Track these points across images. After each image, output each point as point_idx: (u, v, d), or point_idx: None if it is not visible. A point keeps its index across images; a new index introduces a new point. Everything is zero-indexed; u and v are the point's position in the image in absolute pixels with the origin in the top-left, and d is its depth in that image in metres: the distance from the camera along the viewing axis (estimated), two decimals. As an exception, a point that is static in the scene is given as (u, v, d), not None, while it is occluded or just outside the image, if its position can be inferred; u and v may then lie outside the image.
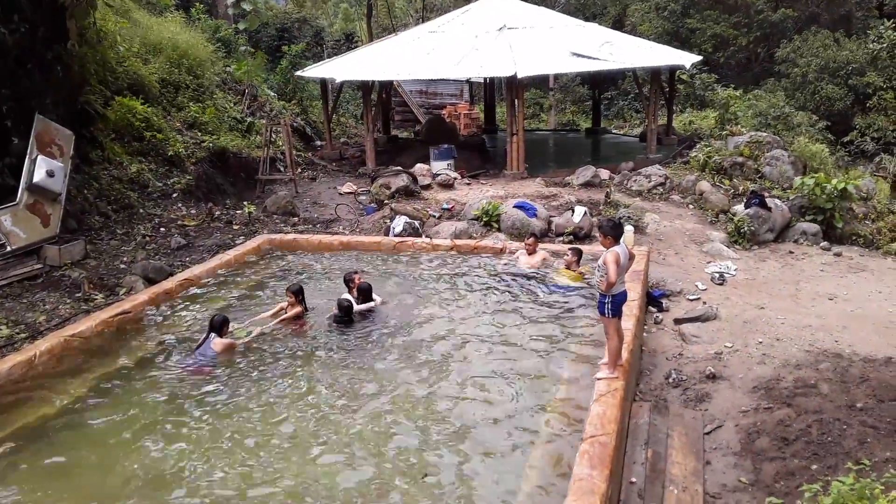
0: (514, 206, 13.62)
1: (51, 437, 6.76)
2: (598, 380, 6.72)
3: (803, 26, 28.17)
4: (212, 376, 7.85)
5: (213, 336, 8.22)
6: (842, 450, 6.38)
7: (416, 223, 13.76)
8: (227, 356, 8.19)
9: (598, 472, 5.17)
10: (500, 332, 8.84)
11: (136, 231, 13.49)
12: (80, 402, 7.38)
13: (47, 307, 10.29)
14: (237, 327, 8.86)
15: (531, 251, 11.01)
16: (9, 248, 11.08)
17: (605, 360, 6.89)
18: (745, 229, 13.10)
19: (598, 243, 8.74)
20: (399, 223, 13.59)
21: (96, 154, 14.45)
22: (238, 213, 15.16)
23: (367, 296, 9.50)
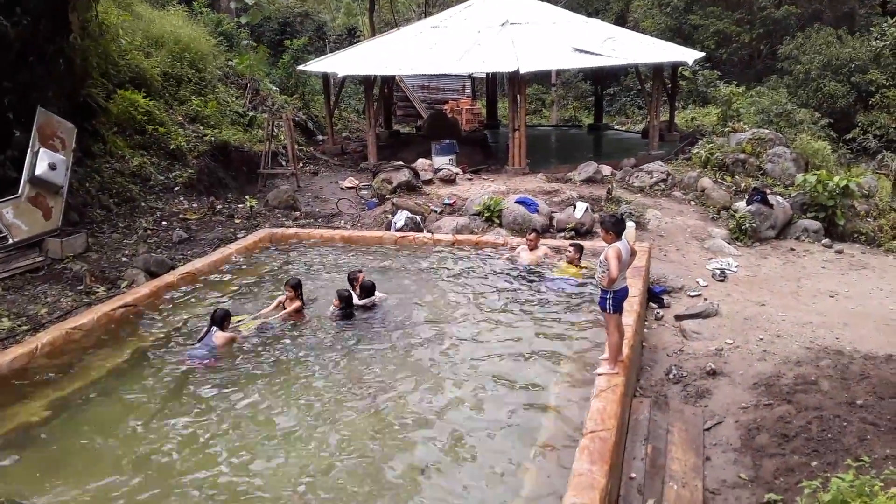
0: (515, 202, 13.62)
1: (52, 430, 6.76)
2: (599, 375, 6.72)
3: (806, 23, 28.11)
4: (213, 369, 7.86)
5: (214, 329, 8.22)
6: (842, 447, 6.39)
7: (418, 218, 13.76)
8: (229, 349, 8.20)
9: (597, 468, 5.18)
10: (501, 327, 8.84)
11: (137, 224, 13.50)
12: (81, 395, 7.39)
13: (49, 300, 10.31)
14: (241, 319, 8.87)
15: (532, 247, 11.02)
16: (11, 241, 11.10)
17: (606, 355, 6.89)
18: (747, 226, 13.10)
19: (599, 239, 8.74)
20: (400, 218, 13.59)
21: (98, 147, 14.45)
22: (240, 207, 15.16)
23: (370, 294, 9.49)
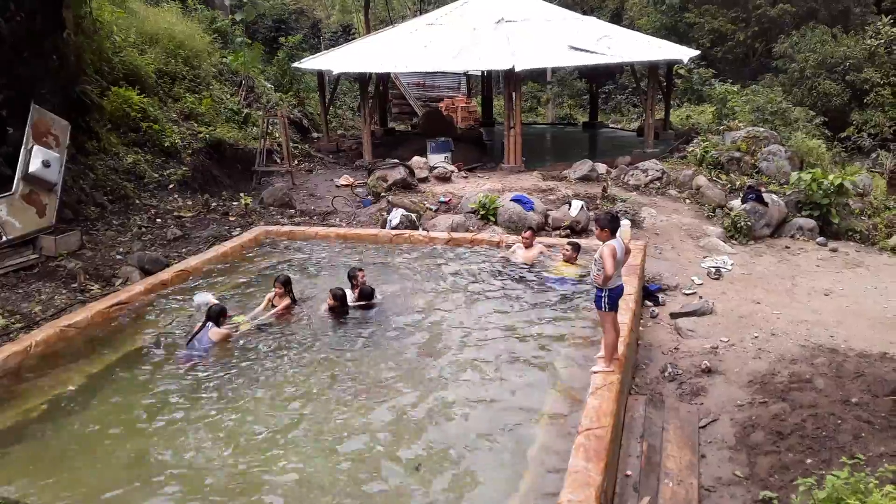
0: (511, 200, 13.61)
1: (47, 428, 6.74)
2: (595, 373, 6.72)
3: (801, 22, 28.13)
4: (207, 366, 7.84)
5: (210, 325, 8.20)
6: (836, 444, 6.41)
7: (413, 216, 13.75)
8: (223, 347, 8.17)
9: (593, 465, 5.18)
10: (497, 325, 8.84)
11: (132, 222, 13.45)
12: (75, 393, 7.36)
13: (43, 297, 10.27)
14: (237, 317, 8.85)
15: (528, 245, 11.01)
16: (4, 238, 11.04)
17: (602, 353, 6.89)
18: (742, 224, 13.13)
19: (594, 237, 8.73)
20: (396, 216, 13.58)
21: (92, 144, 14.39)
22: (234, 204, 15.13)
23: (369, 299, 9.40)
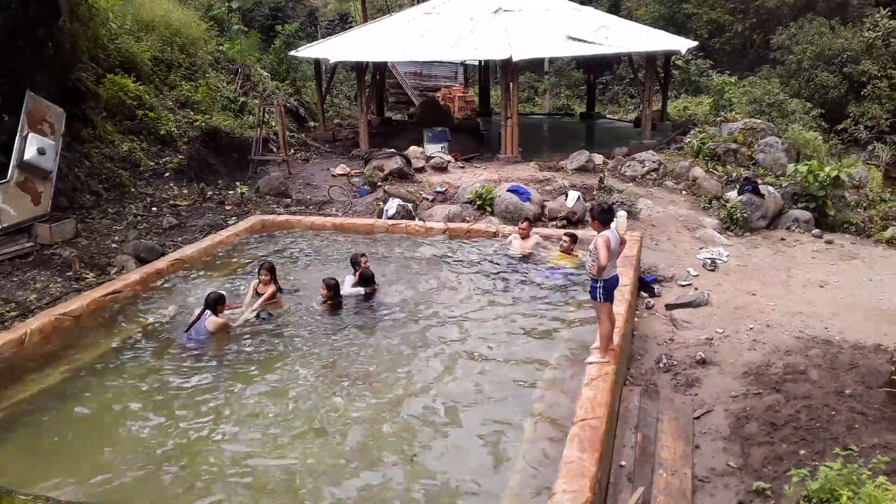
0: (507, 190, 13.60)
1: (42, 417, 6.74)
2: (589, 364, 6.73)
3: (799, 13, 28.07)
4: (204, 355, 7.85)
5: (207, 314, 8.17)
6: (830, 435, 6.43)
7: (410, 206, 13.74)
8: (221, 336, 8.16)
9: (587, 456, 5.20)
10: (493, 316, 8.85)
11: (127, 210, 13.41)
12: (70, 382, 7.35)
13: (38, 285, 10.24)
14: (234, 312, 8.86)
15: (525, 235, 11.01)
16: (-1, 226, 11.03)
17: (597, 344, 6.90)
18: (738, 216, 13.13)
19: (590, 228, 8.73)
20: (392, 206, 13.56)
21: (87, 132, 14.33)
22: (230, 193, 15.09)
23: (369, 283, 9.38)
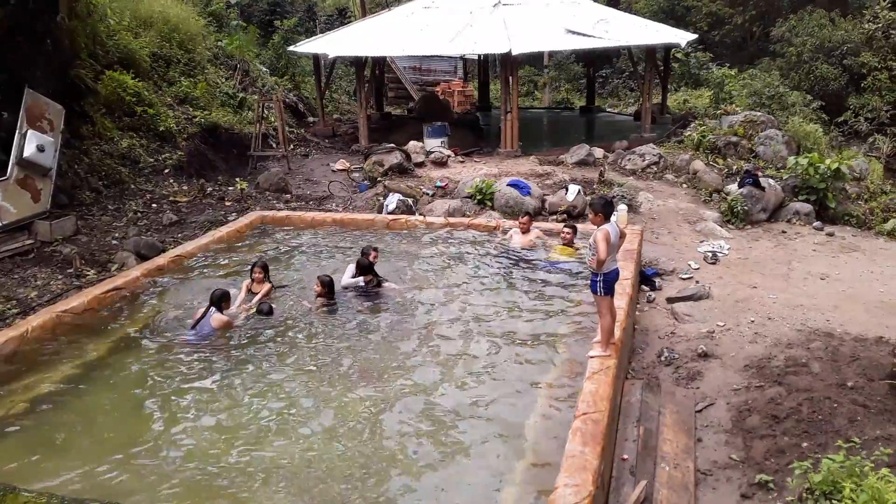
0: (507, 185, 13.59)
1: (44, 413, 6.74)
2: (591, 358, 6.73)
3: (799, 5, 28.02)
4: (208, 352, 7.84)
5: (212, 311, 8.15)
6: (832, 428, 6.43)
7: (410, 201, 13.72)
8: (225, 333, 8.15)
9: (590, 449, 5.19)
10: (494, 310, 8.84)
11: (127, 207, 13.40)
12: (72, 378, 7.35)
13: (39, 283, 10.24)
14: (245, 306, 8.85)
15: (525, 229, 10.99)
16: (-1, 224, 11.02)
17: (598, 338, 6.90)
18: (739, 209, 13.12)
19: (590, 221, 8.71)
20: (392, 201, 13.55)
21: (87, 129, 14.31)
22: (230, 189, 15.07)
23: (365, 273, 9.33)
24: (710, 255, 11.42)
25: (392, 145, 16.34)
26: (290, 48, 22.26)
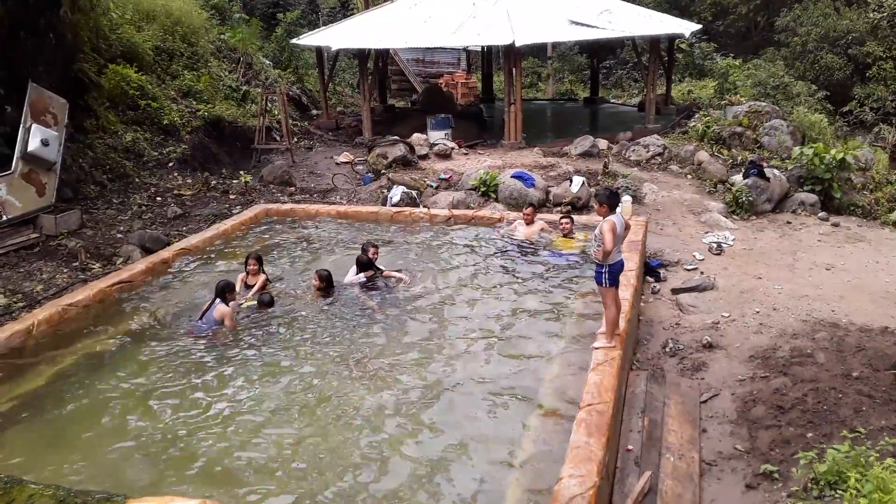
0: (511, 177, 13.57)
1: (51, 406, 6.76)
2: (596, 349, 6.73)
3: (804, -6, 27.86)
4: (212, 344, 7.86)
5: (217, 302, 8.16)
6: (837, 418, 6.43)
7: (414, 193, 13.72)
8: (229, 324, 8.17)
9: (594, 440, 5.20)
10: (498, 302, 8.84)
11: (132, 200, 13.43)
12: (78, 371, 7.38)
13: (44, 276, 10.28)
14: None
15: (529, 221, 10.98)
16: (4, 218, 11.04)
17: (603, 329, 6.90)
18: (744, 199, 13.09)
19: (595, 213, 8.69)
20: (396, 193, 13.55)
21: (91, 123, 14.33)
22: (234, 182, 15.09)
23: (365, 270, 9.33)
24: (714, 245, 11.40)
25: (396, 138, 16.34)
26: (293, 41, 22.22)
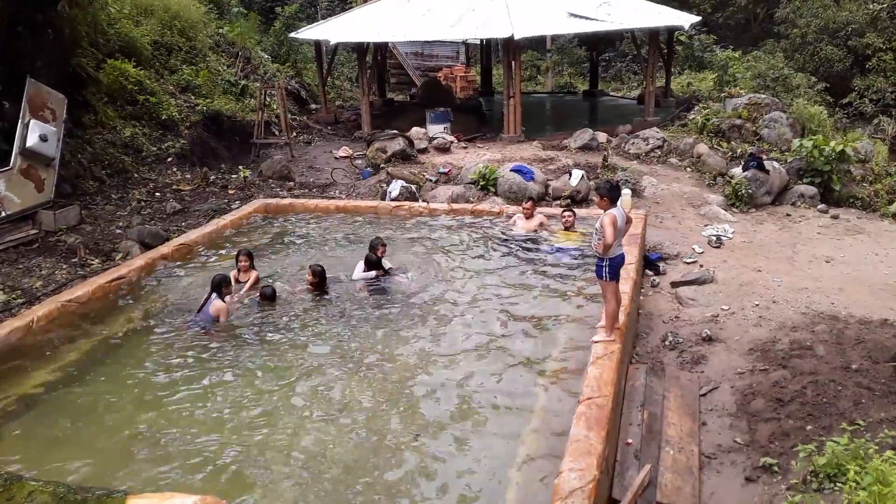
0: (511, 170, 13.56)
1: (51, 402, 6.77)
2: (595, 343, 6.73)
3: (803, -14, 27.77)
4: (210, 339, 7.86)
5: (213, 297, 8.17)
6: (837, 410, 6.43)
7: (413, 187, 13.70)
8: (223, 319, 8.18)
9: (594, 434, 5.20)
10: (498, 297, 8.84)
11: (131, 196, 13.42)
12: (77, 367, 7.39)
13: (43, 272, 10.27)
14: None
15: (529, 215, 10.97)
16: (3, 214, 11.02)
17: (603, 323, 6.90)
18: (743, 192, 13.08)
19: (594, 207, 8.68)
20: (395, 187, 13.53)
21: (89, 118, 14.30)
22: (233, 177, 15.08)
23: (374, 268, 9.32)
24: (714, 238, 11.39)
25: (395, 132, 16.31)
26: (292, 35, 22.17)
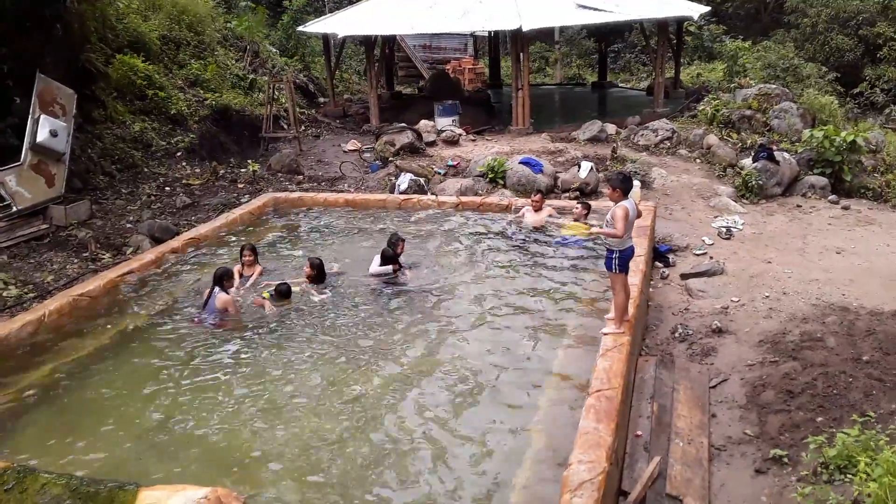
0: (519, 163, 13.53)
1: (61, 395, 6.83)
2: (605, 335, 6.73)
3: (814, -25, 27.57)
4: (218, 333, 7.90)
5: (217, 291, 8.19)
6: (847, 402, 6.42)
7: (422, 180, 13.70)
8: (232, 310, 8.21)
9: (603, 426, 5.21)
10: (507, 288, 8.84)
11: (141, 190, 13.48)
12: (89, 361, 7.43)
13: (55, 267, 10.34)
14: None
15: (537, 208, 10.95)
16: (14, 209, 11.09)
17: (612, 315, 6.89)
18: (753, 183, 13.02)
19: (604, 199, 8.66)
20: (404, 180, 13.53)
21: (99, 113, 14.35)
22: (242, 171, 15.10)
23: (390, 263, 9.24)
24: (724, 230, 11.35)
25: (403, 125, 16.30)
26: (300, 28, 22.15)
